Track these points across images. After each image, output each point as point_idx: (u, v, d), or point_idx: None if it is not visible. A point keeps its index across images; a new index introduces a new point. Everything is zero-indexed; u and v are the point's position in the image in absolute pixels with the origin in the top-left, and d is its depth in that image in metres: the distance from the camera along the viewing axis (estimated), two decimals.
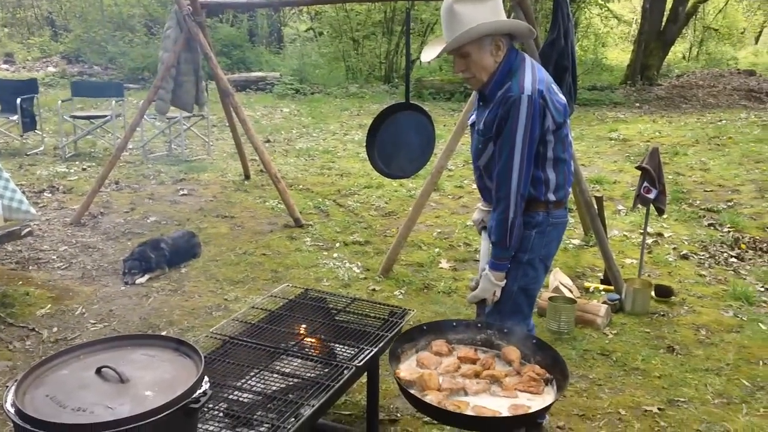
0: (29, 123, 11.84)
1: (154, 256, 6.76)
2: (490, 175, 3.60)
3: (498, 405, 2.97)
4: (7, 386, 2.40)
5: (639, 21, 25.28)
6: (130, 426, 2.22)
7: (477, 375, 3.16)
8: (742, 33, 37.58)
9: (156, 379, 2.51)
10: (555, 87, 3.54)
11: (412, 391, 2.99)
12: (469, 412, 2.90)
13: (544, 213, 3.60)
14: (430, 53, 3.62)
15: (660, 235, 8.11)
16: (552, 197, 3.59)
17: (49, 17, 28.10)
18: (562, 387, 3.05)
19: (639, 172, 6.26)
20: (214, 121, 13.90)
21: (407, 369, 3.18)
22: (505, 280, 3.63)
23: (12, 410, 2.27)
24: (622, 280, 6.28)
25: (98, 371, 2.48)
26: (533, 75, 3.42)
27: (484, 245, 3.89)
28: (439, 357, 3.29)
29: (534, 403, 2.97)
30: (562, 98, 3.56)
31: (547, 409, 3.00)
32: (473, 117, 3.80)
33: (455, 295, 6.41)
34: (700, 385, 4.90)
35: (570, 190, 3.77)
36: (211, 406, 3.21)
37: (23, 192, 6.45)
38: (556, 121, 3.44)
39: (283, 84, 20.42)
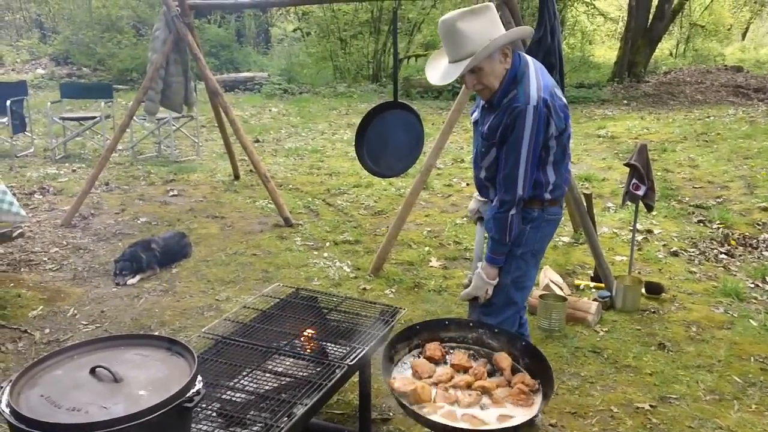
0: (19, 125, 11.78)
1: (145, 257, 6.76)
2: (492, 176, 3.64)
3: (487, 419, 3.00)
4: (2, 387, 2.40)
5: (625, 18, 25.31)
6: (125, 425, 2.23)
7: (469, 386, 3.18)
8: (728, 29, 37.69)
9: (149, 379, 2.52)
10: (557, 91, 3.57)
11: (407, 404, 2.99)
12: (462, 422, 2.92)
13: (540, 210, 3.68)
14: (437, 74, 3.61)
15: (650, 232, 8.13)
16: (548, 196, 3.66)
17: (38, 19, 27.95)
18: (547, 395, 3.08)
19: (627, 169, 6.28)
20: (203, 122, 13.88)
21: (402, 379, 3.17)
22: (497, 279, 3.67)
23: (7, 410, 2.28)
24: (612, 277, 6.30)
25: (92, 371, 2.49)
26: (538, 82, 3.46)
27: (478, 236, 3.96)
28: (433, 364, 3.31)
29: (522, 415, 3.01)
30: (564, 100, 3.60)
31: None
32: (476, 114, 3.83)
33: (446, 294, 6.42)
34: (691, 381, 4.92)
35: (566, 188, 3.82)
36: (204, 405, 3.22)
37: (14, 194, 6.44)
38: (558, 127, 3.50)
39: (272, 84, 20.41)
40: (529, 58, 3.62)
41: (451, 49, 3.45)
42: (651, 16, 22.80)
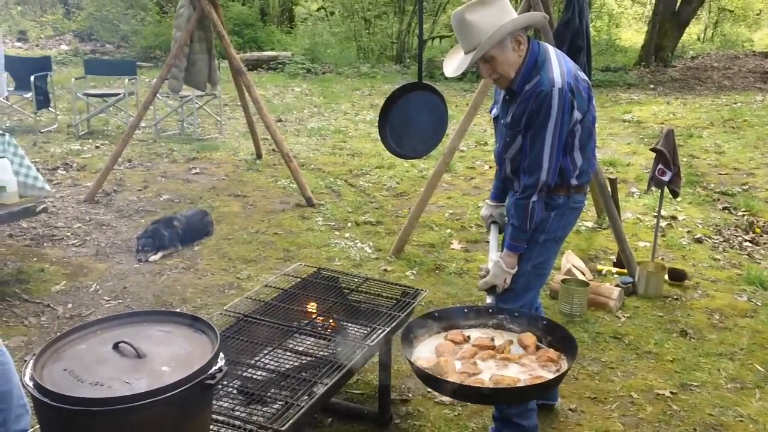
0: (43, 101, 11.85)
1: (167, 234, 6.78)
2: (518, 167, 3.61)
3: (515, 373, 3.03)
4: (25, 360, 2.41)
5: (653, 1, 25.08)
6: (148, 401, 2.23)
7: (492, 358, 3.18)
8: (757, 14, 37.26)
9: (172, 355, 2.51)
10: (580, 74, 3.53)
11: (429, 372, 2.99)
12: (489, 384, 2.93)
13: (565, 197, 3.64)
14: (452, 66, 3.59)
15: (674, 218, 8.08)
16: (575, 182, 3.62)
17: None
18: (573, 359, 3.09)
19: (653, 155, 6.24)
20: (226, 100, 13.90)
21: (425, 358, 3.17)
22: (516, 267, 3.66)
23: (30, 384, 2.28)
24: (635, 263, 6.27)
25: (115, 346, 2.49)
26: (560, 67, 3.41)
27: (493, 239, 3.93)
28: (457, 345, 3.30)
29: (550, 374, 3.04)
30: (586, 80, 3.55)
31: (559, 381, 3.02)
32: (495, 110, 3.81)
33: (467, 276, 6.41)
34: (713, 369, 4.90)
35: (592, 173, 3.79)
36: (225, 383, 3.23)
37: (37, 169, 6.48)
38: (582, 111, 3.46)
39: (295, 63, 20.33)
40: (548, 45, 3.58)
41: (463, 40, 3.44)
42: (679, 0, 22.56)
